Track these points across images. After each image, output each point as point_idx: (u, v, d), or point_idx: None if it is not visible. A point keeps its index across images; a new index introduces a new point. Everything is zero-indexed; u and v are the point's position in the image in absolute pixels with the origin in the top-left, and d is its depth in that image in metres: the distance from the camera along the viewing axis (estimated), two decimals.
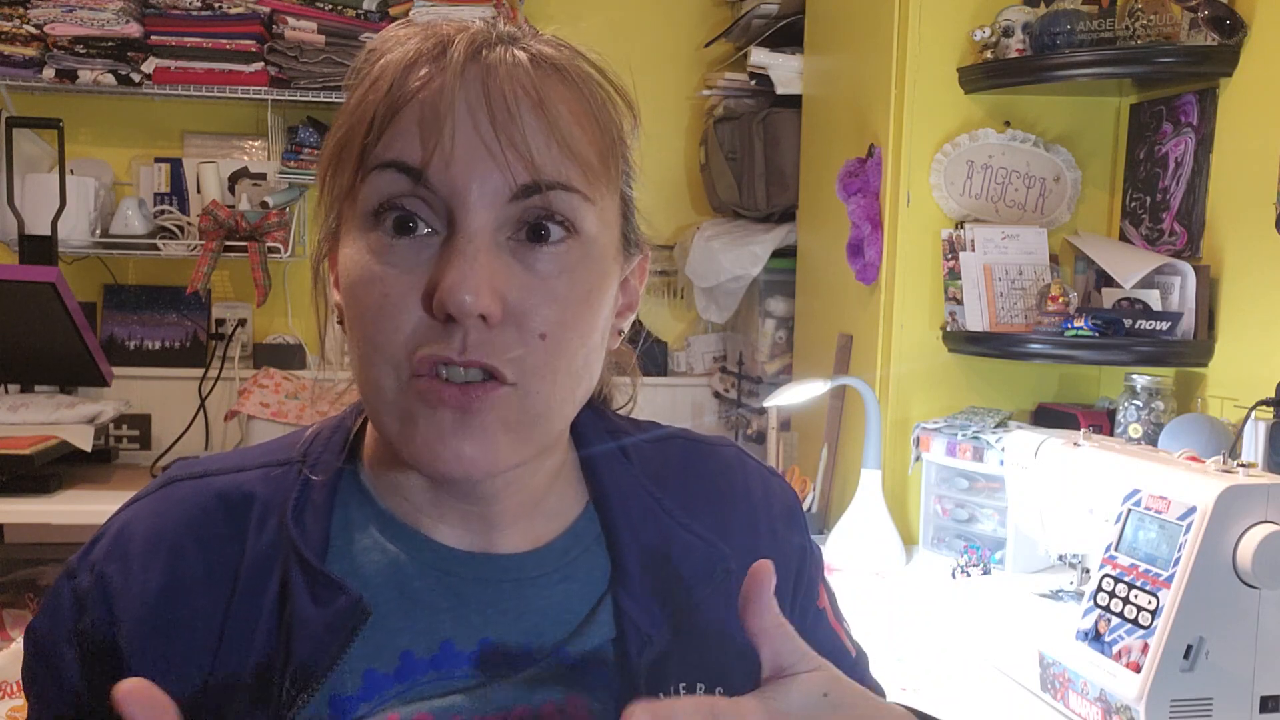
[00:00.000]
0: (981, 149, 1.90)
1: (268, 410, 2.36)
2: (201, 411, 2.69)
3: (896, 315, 1.93)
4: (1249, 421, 1.47)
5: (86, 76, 2.62)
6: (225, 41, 2.66)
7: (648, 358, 2.99)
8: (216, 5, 2.66)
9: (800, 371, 2.53)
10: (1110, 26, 1.73)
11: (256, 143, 2.91)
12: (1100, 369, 1.96)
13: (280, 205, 2.68)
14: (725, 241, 2.63)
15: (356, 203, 0.57)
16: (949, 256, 1.88)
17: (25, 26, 2.60)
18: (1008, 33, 1.80)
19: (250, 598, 0.59)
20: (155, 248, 2.68)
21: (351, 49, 2.66)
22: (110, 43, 2.62)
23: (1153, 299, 1.72)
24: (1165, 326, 1.68)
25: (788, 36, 2.52)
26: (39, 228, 2.36)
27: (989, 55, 1.83)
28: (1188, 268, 1.69)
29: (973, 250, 1.84)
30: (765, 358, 2.65)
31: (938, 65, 1.89)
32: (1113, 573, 1.16)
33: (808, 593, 0.71)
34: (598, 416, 0.70)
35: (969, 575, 1.69)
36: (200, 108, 2.89)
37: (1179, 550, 1.09)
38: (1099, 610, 1.15)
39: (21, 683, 0.63)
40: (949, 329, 1.89)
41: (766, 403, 1.99)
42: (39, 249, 2.33)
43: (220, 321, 2.90)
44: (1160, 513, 1.14)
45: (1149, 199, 1.86)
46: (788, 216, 2.58)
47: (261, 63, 2.68)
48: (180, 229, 2.73)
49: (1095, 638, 1.14)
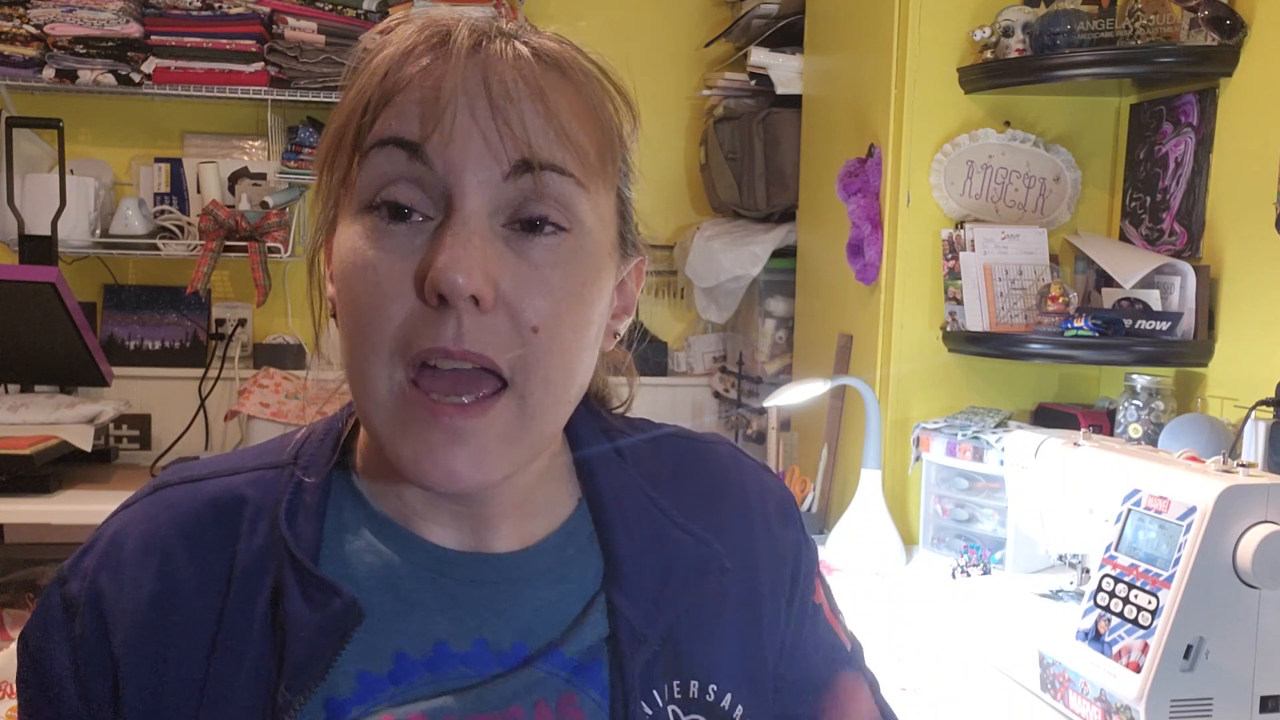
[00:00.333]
0: (981, 149, 1.90)
1: (268, 410, 2.36)
2: (201, 411, 2.69)
3: (896, 315, 1.93)
4: (1249, 421, 1.47)
5: (86, 76, 2.62)
6: (225, 41, 2.66)
7: (647, 358, 2.99)
8: (216, 5, 2.66)
9: (800, 371, 2.53)
10: (1110, 26, 1.73)
11: (256, 143, 2.91)
12: (1100, 369, 1.96)
13: (280, 205, 2.68)
14: (725, 241, 2.63)
15: (353, 188, 0.57)
16: (949, 256, 1.88)
17: (25, 26, 2.60)
18: (1008, 33, 1.80)
19: (243, 602, 0.59)
20: (155, 248, 2.69)
21: (351, 49, 2.66)
22: (110, 43, 2.63)
23: (1153, 299, 1.72)
24: (1165, 326, 1.68)
25: (788, 36, 2.52)
26: (39, 228, 2.36)
27: (989, 55, 1.83)
28: (1188, 268, 1.69)
29: (973, 250, 1.84)
30: (765, 358, 2.65)
31: (938, 65, 1.89)
32: (1113, 573, 1.16)
33: (804, 589, 0.72)
34: (592, 416, 0.70)
35: (969, 575, 1.69)
36: (200, 108, 2.89)
37: (1179, 550, 1.09)
38: (1099, 610, 1.15)
39: (15, 690, 0.63)
40: (949, 329, 1.89)
41: (766, 403, 1.99)
42: (39, 249, 2.33)
43: (220, 321, 2.90)
44: (1160, 513, 1.14)
45: (1149, 199, 1.86)
46: (788, 216, 2.57)
47: (261, 63, 2.68)
48: (180, 229, 2.73)
49: (1095, 638, 1.14)
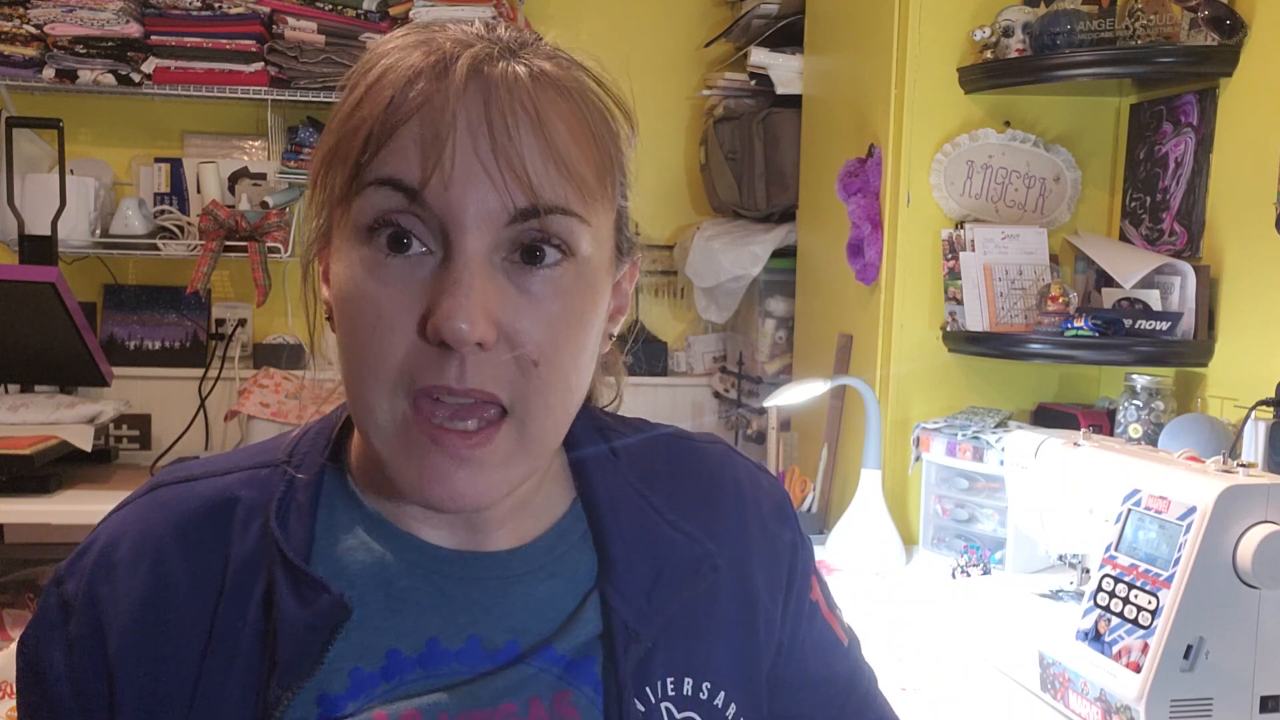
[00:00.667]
0: (981, 149, 1.90)
1: (268, 410, 2.36)
2: (201, 411, 2.69)
3: (896, 315, 1.93)
4: (1249, 421, 1.47)
5: (86, 76, 2.62)
6: (225, 41, 2.66)
7: (648, 358, 3.00)
8: (216, 5, 2.66)
9: (800, 371, 2.53)
10: (1110, 26, 1.73)
11: (256, 143, 2.91)
12: (1100, 369, 1.96)
13: (280, 205, 2.68)
14: (725, 241, 2.63)
15: (350, 213, 0.57)
16: (949, 256, 1.88)
17: (25, 26, 2.61)
18: (1008, 33, 1.80)
19: (237, 601, 0.60)
20: (155, 248, 2.69)
21: (351, 49, 2.67)
22: (110, 43, 2.63)
23: (1153, 299, 1.72)
24: (1165, 326, 1.67)
25: (788, 36, 2.52)
26: (39, 228, 2.36)
27: (989, 55, 1.83)
28: (1188, 268, 1.69)
29: (973, 250, 1.84)
30: (765, 358, 2.65)
31: (938, 65, 1.89)
32: (1113, 573, 1.16)
33: (800, 588, 0.72)
34: (587, 416, 0.70)
35: (969, 575, 1.69)
36: (200, 108, 2.89)
37: (1179, 550, 1.09)
38: (1099, 610, 1.15)
39: (15, 693, 0.63)
40: (949, 329, 1.89)
41: (766, 403, 1.99)
42: (39, 249, 2.33)
43: (220, 321, 2.90)
44: (1160, 513, 1.14)
45: (1149, 199, 1.86)
46: (788, 216, 2.57)
47: (261, 63, 2.68)
48: (180, 229, 2.73)
49: (1095, 638, 1.14)
